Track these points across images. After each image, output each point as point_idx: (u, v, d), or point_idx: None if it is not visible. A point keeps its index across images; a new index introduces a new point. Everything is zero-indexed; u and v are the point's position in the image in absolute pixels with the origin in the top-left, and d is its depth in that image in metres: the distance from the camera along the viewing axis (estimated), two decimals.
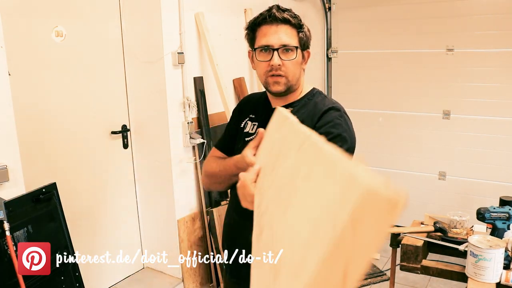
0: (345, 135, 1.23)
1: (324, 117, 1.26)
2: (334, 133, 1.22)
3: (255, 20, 1.31)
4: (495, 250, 1.67)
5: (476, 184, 3.61)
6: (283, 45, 1.27)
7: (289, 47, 1.27)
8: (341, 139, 1.21)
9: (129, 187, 2.95)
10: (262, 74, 1.32)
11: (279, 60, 1.27)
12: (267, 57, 1.29)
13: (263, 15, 1.29)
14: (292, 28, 1.28)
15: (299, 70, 1.33)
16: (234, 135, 1.45)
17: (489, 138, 3.50)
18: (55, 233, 1.92)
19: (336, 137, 1.21)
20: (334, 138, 1.20)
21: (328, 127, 1.23)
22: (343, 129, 1.25)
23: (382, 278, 3.17)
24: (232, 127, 1.48)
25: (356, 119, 4.56)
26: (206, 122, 2.96)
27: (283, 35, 1.27)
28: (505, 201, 2.05)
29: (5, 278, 1.65)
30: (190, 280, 2.96)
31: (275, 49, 1.27)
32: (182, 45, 2.76)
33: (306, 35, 1.31)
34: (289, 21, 1.27)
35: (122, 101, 2.84)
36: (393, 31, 3.73)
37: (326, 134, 1.20)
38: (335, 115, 1.27)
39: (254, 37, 1.32)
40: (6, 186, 1.88)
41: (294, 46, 1.28)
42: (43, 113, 2.37)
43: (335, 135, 1.21)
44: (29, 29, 2.26)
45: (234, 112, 1.53)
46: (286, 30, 1.27)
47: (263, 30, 1.29)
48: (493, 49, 3.38)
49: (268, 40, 1.28)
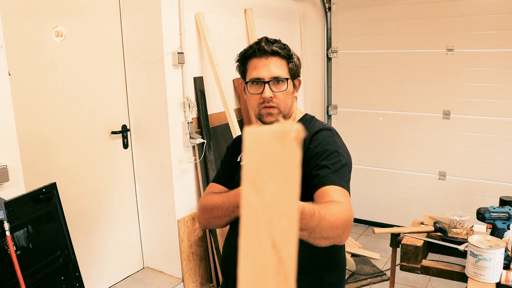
0: (341, 151, 1.25)
1: (316, 138, 1.28)
2: (330, 149, 1.24)
3: (245, 52, 1.32)
4: (495, 250, 1.67)
5: (476, 184, 3.61)
6: (273, 78, 1.28)
7: (279, 79, 1.29)
8: (338, 154, 1.23)
9: (129, 187, 2.95)
10: (255, 106, 1.33)
11: (270, 93, 1.29)
12: (258, 89, 1.30)
13: (252, 48, 1.31)
14: (281, 59, 1.30)
15: (290, 100, 1.34)
16: (231, 169, 1.47)
17: (489, 138, 3.50)
18: (55, 233, 1.92)
19: (333, 152, 1.23)
20: (332, 153, 1.23)
21: (323, 145, 1.25)
22: (338, 146, 1.27)
23: (382, 278, 3.17)
24: (228, 163, 1.50)
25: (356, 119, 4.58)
26: (206, 122, 2.96)
27: (273, 67, 1.28)
28: (505, 201, 2.06)
29: (5, 278, 1.65)
30: (190, 280, 2.96)
31: (266, 82, 1.28)
32: (182, 45, 2.76)
33: (295, 64, 1.33)
34: (278, 53, 1.29)
35: (122, 101, 2.84)
36: (393, 31, 3.73)
37: (323, 151, 1.23)
38: (327, 134, 1.29)
39: (245, 70, 1.33)
40: (6, 186, 1.89)
41: (285, 78, 1.29)
42: (43, 113, 2.37)
43: (331, 151, 1.23)
44: (29, 29, 2.26)
45: (228, 150, 1.54)
46: (276, 62, 1.29)
47: (253, 63, 1.30)
48: (493, 49, 3.38)
49: (258, 73, 1.29)
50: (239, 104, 3.32)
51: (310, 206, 1.00)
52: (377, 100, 3.90)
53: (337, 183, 1.18)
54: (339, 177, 1.19)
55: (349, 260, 3.19)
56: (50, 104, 2.40)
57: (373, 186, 4.03)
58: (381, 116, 3.91)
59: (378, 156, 3.98)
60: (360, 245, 3.67)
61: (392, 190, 3.95)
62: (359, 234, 3.96)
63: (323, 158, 1.22)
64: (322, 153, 1.23)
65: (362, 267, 3.31)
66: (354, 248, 3.55)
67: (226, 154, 1.55)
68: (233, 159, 1.49)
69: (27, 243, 1.77)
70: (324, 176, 1.19)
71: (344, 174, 1.22)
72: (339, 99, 4.10)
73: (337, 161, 1.21)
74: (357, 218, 4.16)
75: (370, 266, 3.32)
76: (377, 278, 3.17)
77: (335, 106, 4.09)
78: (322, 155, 1.23)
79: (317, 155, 1.23)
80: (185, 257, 2.90)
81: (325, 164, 1.21)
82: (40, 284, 1.80)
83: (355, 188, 4.14)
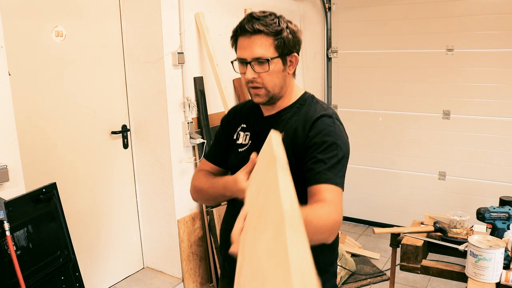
0: (339, 142, 1.22)
1: (317, 125, 1.24)
2: (329, 141, 1.21)
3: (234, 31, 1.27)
4: (495, 250, 1.67)
5: (476, 184, 3.61)
6: (255, 58, 1.23)
7: (261, 60, 1.23)
8: (336, 147, 1.20)
9: (129, 187, 2.95)
10: (244, 86, 1.31)
11: (252, 74, 1.25)
12: (243, 69, 1.27)
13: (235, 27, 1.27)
14: (266, 37, 1.22)
15: (280, 79, 1.27)
16: (225, 146, 1.43)
17: (489, 138, 3.50)
18: (55, 233, 1.92)
19: (332, 145, 1.20)
20: (330, 146, 1.20)
21: (322, 136, 1.21)
22: (337, 136, 1.23)
23: (382, 278, 3.17)
24: (222, 139, 1.45)
25: (356, 119, 4.57)
26: (206, 122, 2.96)
27: (256, 47, 1.22)
28: (505, 201, 2.06)
29: (5, 278, 1.65)
30: (190, 280, 2.96)
31: (248, 62, 1.24)
32: (182, 45, 2.76)
33: (286, 40, 1.24)
34: (261, 31, 1.21)
35: (122, 101, 2.84)
36: (393, 31, 3.73)
37: (321, 143, 1.20)
38: (328, 122, 1.25)
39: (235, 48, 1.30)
40: (6, 186, 1.89)
41: (266, 59, 1.22)
42: (43, 113, 2.37)
43: (330, 144, 1.20)
44: (29, 29, 2.26)
45: (222, 122, 1.49)
46: (260, 41, 1.22)
47: (240, 42, 1.26)
48: (493, 49, 3.38)
49: (241, 53, 1.26)
50: None
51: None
52: (377, 100, 3.90)
53: (331, 180, 1.16)
54: (334, 173, 1.17)
55: (349, 260, 3.19)
56: (50, 104, 2.40)
57: (373, 186, 4.03)
58: (381, 116, 3.91)
59: (378, 156, 3.98)
60: (360, 245, 3.67)
61: (392, 190, 3.95)
62: (359, 234, 3.95)
63: (321, 151, 1.19)
64: (321, 145, 1.20)
65: (362, 267, 3.31)
66: (354, 248, 3.55)
67: (220, 129, 1.49)
68: (228, 135, 1.44)
69: (27, 243, 1.77)
70: (319, 172, 1.17)
71: (340, 168, 1.20)
72: (339, 99, 4.10)
73: (334, 155, 1.19)
74: (357, 218, 4.16)
75: (370, 266, 3.32)
76: (377, 278, 3.17)
77: (335, 106, 4.09)
78: (320, 146, 1.20)
79: (315, 145, 1.21)
80: (185, 257, 2.91)
81: (321, 158, 1.18)
82: (40, 284, 1.80)
83: (355, 188, 4.18)
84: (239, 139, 1.39)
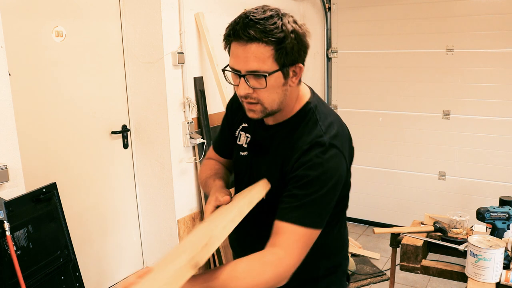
0: (325, 177, 1.06)
1: (303, 156, 1.08)
2: (311, 176, 1.05)
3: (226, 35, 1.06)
4: (495, 250, 1.67)
5: (476, 184, 3.61)
6: (250, 72, 1.03)
7: (258, 74, 1.03)
8: (318, 182, 1.05)
9: (129, 187, 2.95)
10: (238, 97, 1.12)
11: (246, 90, 1.05)
12: (236, 81, 1.07)
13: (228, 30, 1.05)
14: (265, 46, 1.00)
15: (279, 94, 1.08)
16: (229, 138, 1.34)
17: (489, 138, 3.51)
18: (55, 233, 1.92)
19: (313, 180, 1.05)
20: (310, 181, 1.05)
21: (304, 169, 1.06)
22: (324, 169, 1.06)
23: (382, 278, 3.18)
24: (226, 129, 1.36)
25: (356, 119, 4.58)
26: (206, 122, 2.96)
27: (252, 59, 1.01)
28: (505, 201, 2.06)
29: (5, 278, 1.65)
30: None
31: (242, 76, 1.04)
32: (182, 45, 2.76)
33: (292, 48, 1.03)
34: (258, 39, 1.00)
35: (122, 101, 2.84)
36: (393, 31, 3.73)
37: (302, 177, 1.06)
38: (316, 153, 1.06)
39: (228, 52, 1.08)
40: (6, 186, 1.89)
41: (263, 74, 1.02)
42: (43, 113, 2.37)
43: (311, 179, 1.05)
44: (29, 29, 2.26)
45: (226, 111, 1.37)
46: (257, 51, 1.01)
47: (233, 48, 1.04)
48: (493, 49, 3.38)
49: (234, 63, 1.05)
50: None
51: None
52: (377, 100, 3.90)
53: (295, 220, 1.03)
54: (303, 212, 1.04)
55: (349, 260, 3.19)
56: (50, 104, 2.40)
57: (373, 186, 4.04)
58: (381, 116, 3.91)
59: (378, 156, 3.98)
60: (360, 245, 3.67)
61: (392, 190, 3.95)
62: (359, 234, 3.96)
63: (299, 185, 1.06)
64: (300, 178, 1.06)
65: (362, 267, 3.31)
66: (354, 248, 3.55)
67: (225, 118, 1.37)
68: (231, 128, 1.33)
69: (27, 243, 1.77)
70: (285, 208, 1.05)
71: (316, 205, 1.06)
72: (339, 99, 4.10)
73: (312, 192, 1.05)
74: (357, 218, 4.17)
75: (370, 266, 3.33)
76: (377, 278, 3.17)
77: (335, 106, 4.09)
78: (299, 180, 1.06)
79: (295, 178, 1.07)
80: None
81: (295, 193, 1.06)
82: (40, 284, 1.80)
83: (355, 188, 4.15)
84: (240, 139, 1.29)
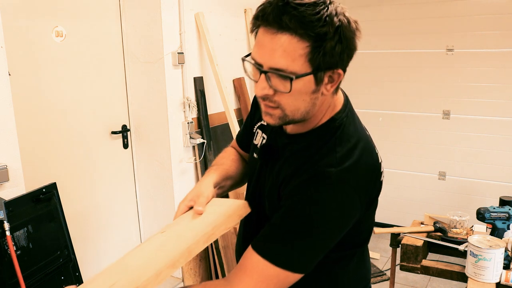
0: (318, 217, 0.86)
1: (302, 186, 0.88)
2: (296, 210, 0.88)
3: (255, 17, 0.83)
4: (495, 250, 1.67)
5: (476, 184, 3.61)
6: (273, 69, 0.80)
7: (283, 74, 0.80)
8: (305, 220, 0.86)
9: (129, 187, 2.95)
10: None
11: (264, 90, 0.83)
12: (256, 76, 0.85)
13: (257, 12, 0.82)
14: (300, 40, 0.77)
15: (306, 103, 0.86)
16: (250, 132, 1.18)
17: (489, 138, 3.51)
18: (55, 233, 1.92)
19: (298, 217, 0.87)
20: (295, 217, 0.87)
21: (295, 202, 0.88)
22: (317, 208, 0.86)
23: (382, 278, 3.18)
24: (248, 124, 1.20)
25: None
26: (206, 122, 2.96)
27: (278, 52, 0.78)
28: (505, 201, 2.06)
29: (5, 278, 1.65)
30: (190, 280, 2.95)
31: (263, 71, 0.82)
32: (182, 45, 2.76)
33: (333, 49, 0.80)
34: (292, 29, 0.77)
35: (122, 101, 2.84)
36: (393, 31, 3.73)
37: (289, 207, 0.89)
38: (317, 186, 0.86)
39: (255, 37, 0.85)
40: (6, 186, 1.89)
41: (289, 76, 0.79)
42: (43, 113, 2.37)
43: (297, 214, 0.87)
44: (29, 29, 2.26)
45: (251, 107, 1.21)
46: (288, 43, 0.77)
47: (259, 34, 0.82)
48: (493, 49, 3.38)
49: (257, 53, 0.82)
50: (239, 104, 3.32)
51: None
52: (377, 100, 3.90)
53: (261, 251, 0.87)
54: (272, 244, 0.87)
55: None
56: (50, 104, 2.40)
57: None
58: (381, 116, 3.92)
59: None
60: None
61: (392, 190, 3.95)
62: None
63: (281, 215, 0.89)
64: (287, 209, 0.89)
65: None
66: None
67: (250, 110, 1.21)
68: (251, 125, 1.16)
69: (27, 243, 1.77)
70: (259, 234, 0.91)
71: (289, 242, 0.86)
72: None
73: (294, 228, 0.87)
74: None
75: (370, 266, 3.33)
76: (377, 278, 3.17)
77: None
78: (286, 211, 0.89)
79: (282, 207, 0.90)
80: None
81: (274, 222, 0.90)
82: (40, 284, 1.80)
83: None
84: (256, 138, 1.11)
